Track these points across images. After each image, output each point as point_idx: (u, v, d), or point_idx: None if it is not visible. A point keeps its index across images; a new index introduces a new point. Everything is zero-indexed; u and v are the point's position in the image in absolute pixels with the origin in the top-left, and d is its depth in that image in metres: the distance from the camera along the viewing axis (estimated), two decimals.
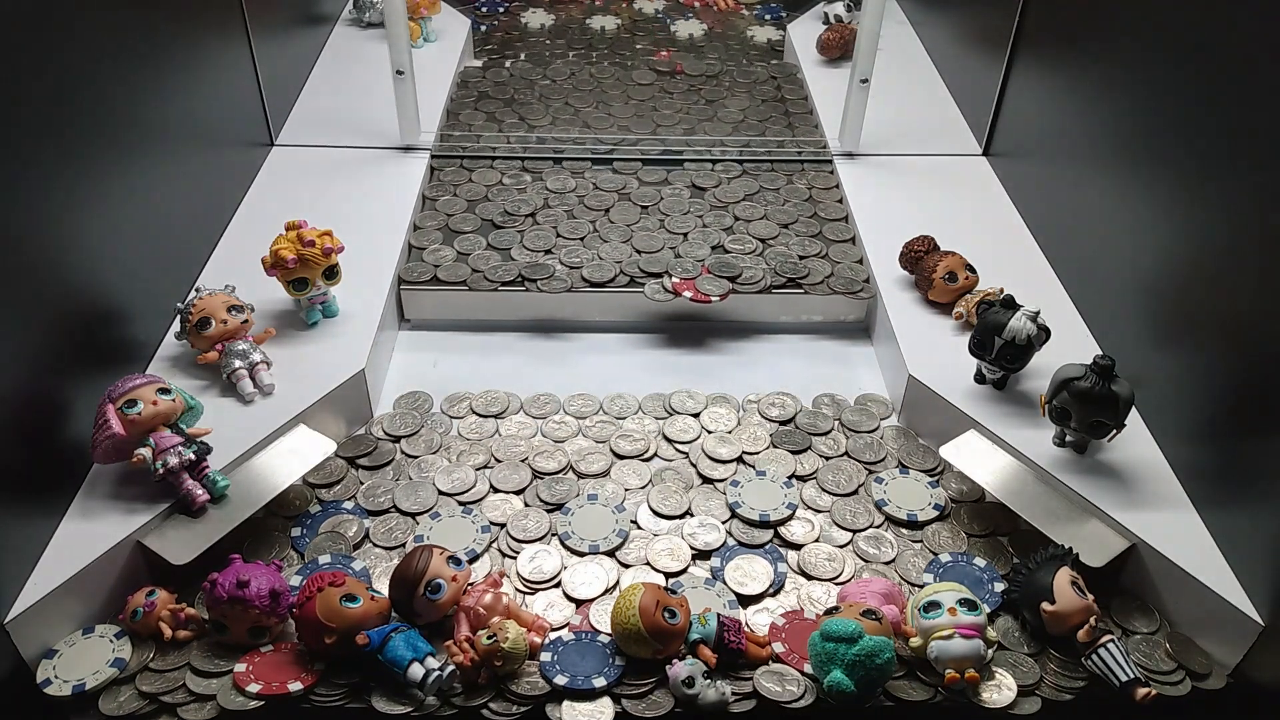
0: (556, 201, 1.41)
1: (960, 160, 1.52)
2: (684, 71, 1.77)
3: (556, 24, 1.96)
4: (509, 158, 1.51)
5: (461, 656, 0.84)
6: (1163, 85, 1.06)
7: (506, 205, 1.40)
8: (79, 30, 0.99)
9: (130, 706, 0.83)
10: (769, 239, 1.35)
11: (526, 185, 1.44)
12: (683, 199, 1.42)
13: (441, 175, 1.47)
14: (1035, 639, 0.90)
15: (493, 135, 1.55)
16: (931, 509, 1.03)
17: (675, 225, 1.37)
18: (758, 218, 1.39)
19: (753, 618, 0.93)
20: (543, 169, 1.48)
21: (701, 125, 1.60)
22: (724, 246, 1.33)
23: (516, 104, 1.65)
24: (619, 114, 1.63)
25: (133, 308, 1.07)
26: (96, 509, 0.93)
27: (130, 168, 1.08)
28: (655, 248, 1.32)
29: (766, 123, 1.62)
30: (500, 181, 1.46)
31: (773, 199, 1.43)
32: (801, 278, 1.28)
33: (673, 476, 1.07)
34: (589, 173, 1.47)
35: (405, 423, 1.12)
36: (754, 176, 1.48)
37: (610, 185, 1.45)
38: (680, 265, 1.28)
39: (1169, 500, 0.97)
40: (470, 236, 1.34)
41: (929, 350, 1.15)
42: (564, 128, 1.58)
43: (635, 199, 1.42)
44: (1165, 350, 1.03)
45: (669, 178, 1.47)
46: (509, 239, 1.34)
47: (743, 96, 1.70)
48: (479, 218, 1.38)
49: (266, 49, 1.47)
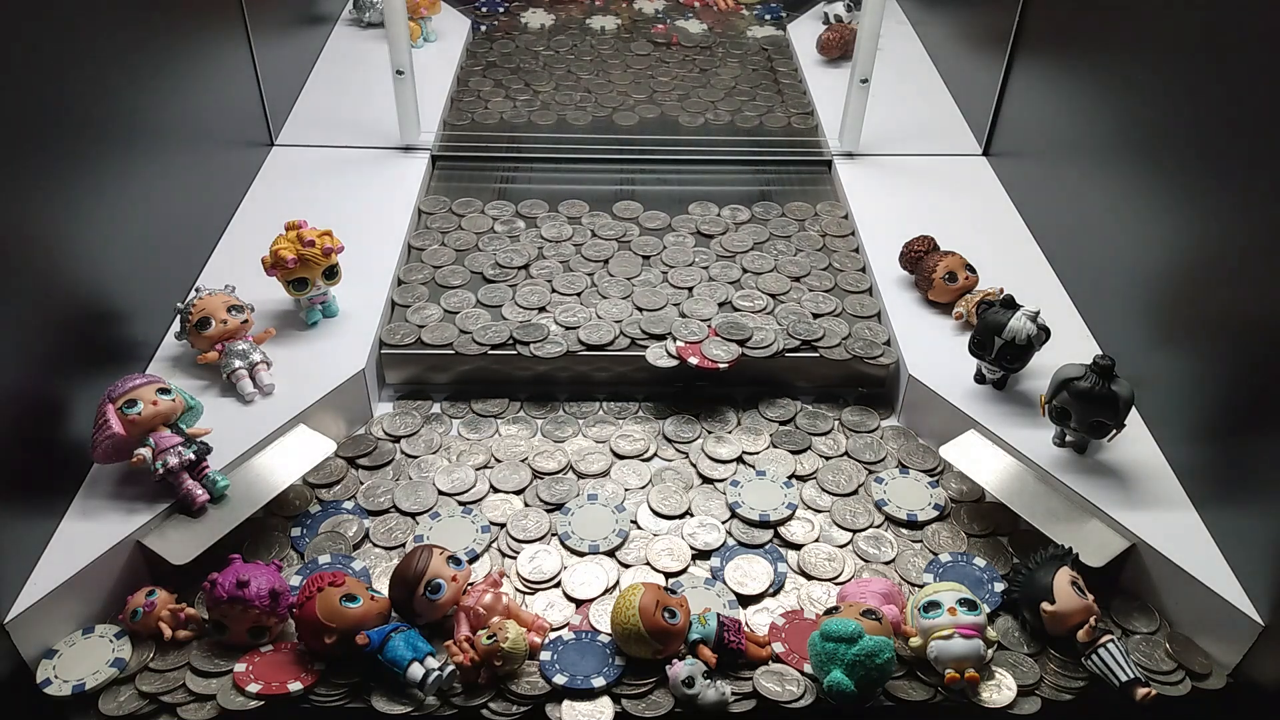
0: (552, 251, 1.31)
1: (960, 160, 1.52)
2: (679, 43, 1.86)
3: (556, 24, 1.96)
4: (509, 158, 1.51)
5: (461, 656, 0.84)
6: (1163, 85, 1.06)
7: (498, 256, 1.29)
8: (79, 30, 0.99)
9: (130, 706, 0.83)
10: (780, 294, 1.25)
11: (520, 233, 1.35)
12: (687, 248, 1.33)
13: (429, 222, 1.37)
14: (1035, 639, 0.90)
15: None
16: (931, 509, 1.03)
17: (679, 278, 1.27)
18: (768, 270, 1.29)
19: (753, 618, 0.93)
20: (537, 215, 1.38)
21: (695, 91, 1.69)
22: (732, 304, 1.23)
23: (522, 72, 1.75)
24: (618, 81, 1.72)
25: (133, 308, 1.07)
26: (96, 509, 0.93)
27: (130, 168, 1.09)
28: (658, 305, 1.22)
29: (757, 89, 1.71)
30: (492, 229, 1.36)
31: (784, 249, 1.33)
32: (816, 340, 1.17)
33: (673, 476, 1.07)
34: (586, 218, 1.38)
35: (405, 423, 1.12)
36: (762, 223, 1.38)
37: (609, 233, 1.35)
38: (685, 326, 1.18)
39: (1169, 500, 0.97)
40: (458, 292, 1.24)
41: (929, 350, 1.15)
42: (566, 93, 1.68)
43: (636, 248, 1.33)
44: (1165, 350, 1.03)
45: (672, 224, 1.38)
46: (500, 295, 1.23)
47: (734, 65, 1.79)
48: (468, 270, 1.28)
49: (266, 49, 1.47)
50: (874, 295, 1.26)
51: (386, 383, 1.18)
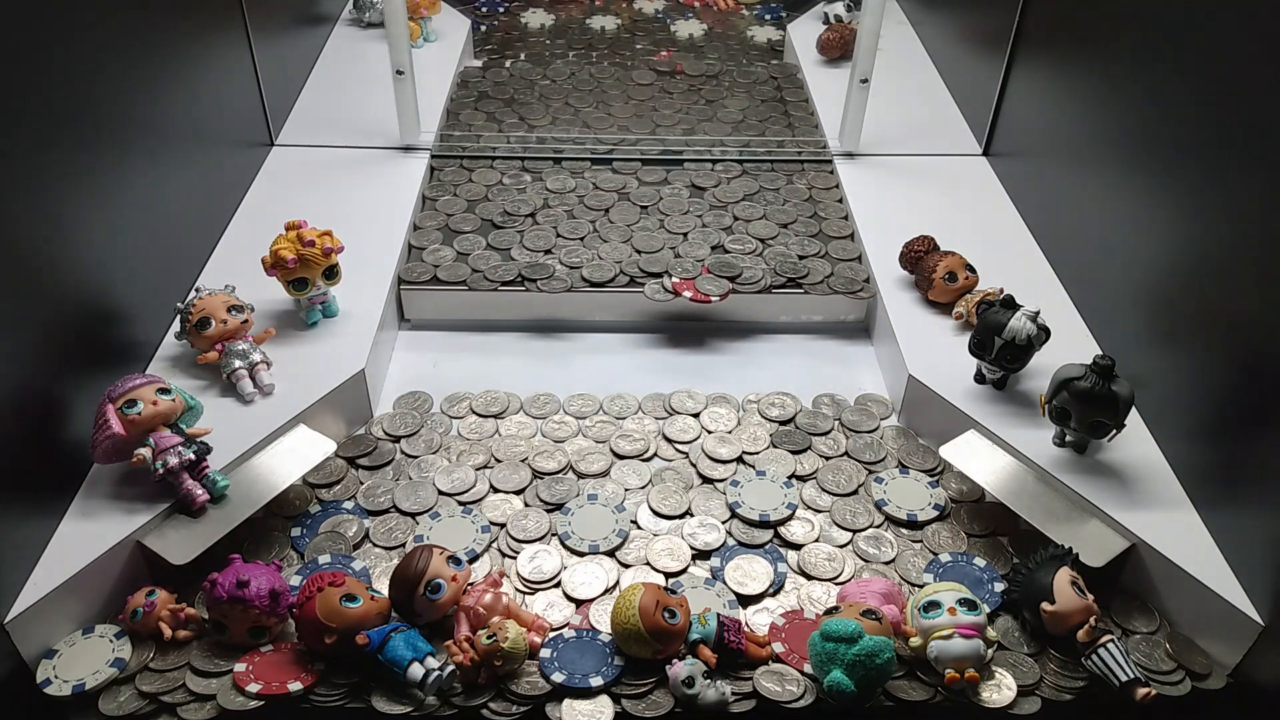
0: (556, 201, 1.41)
1: (960, 160, 1.52)
2: (684, 71, 1.77)
3: (556, 24, 1.96)
4: (509, 158, 1.51)
5: (461, 656, 0.84)
6: (1163, 85, 1.06)
7: (506, 205, 1.40)
8: (79, 30, 0.99)
9: (130, 706, 0.83)
10: (769, 239, 1.35)
11: (526, 185, 1.44)
12: (682, 199, 1.42)
13: (441, 175, 1.47)
14: (1035, 639, 0.90)
15: (493, 135, 1.55)
16: (931, 509, 1.03)
17: (675, 225, 1.37)
18: (757, 218, 1.39)
19: (753, 618, 0.93)
20: (542, 169, 1.48)
21: (701, 125, 1.60)
22: (724, 246, 1.33)
23: (517, 104, 1.66)
24: (619, 114, 1.63)
25: (133, 308, 1.07)
26: (96, 509, 0.93)
27: (130, 168, 1.08)
28: (655, 248, 1.32)
29: (766, 123, 1.62)
30: (500, 182, 1.45)
31: (772, 199, 1.43)
32: (801, 277, 1.28)
33: (673, 476, 1.07)
34: (588, 173, 1.47)
35: (405, 423, 1.12)
36: (754, 176, 1.48)
37: (610, 185, 1.45)
38: (680, 265, 1.28)
39: (1169, 500, 0.97)
40: (470, 236, 1.34)
41: (929, 350, 1.15)
42: (564, 128, 1.58)
43: (635, 199, 1.42)
44: (1165, 350, 1.03)
45: (668, 177, 1.47)
46: (509, 239, 1.33)
47: (742, 96, 1.70)
48: (479, 218, 1.38)
49: (266, 49, 1.47)
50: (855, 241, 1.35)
51: (405, 318, 1.28)
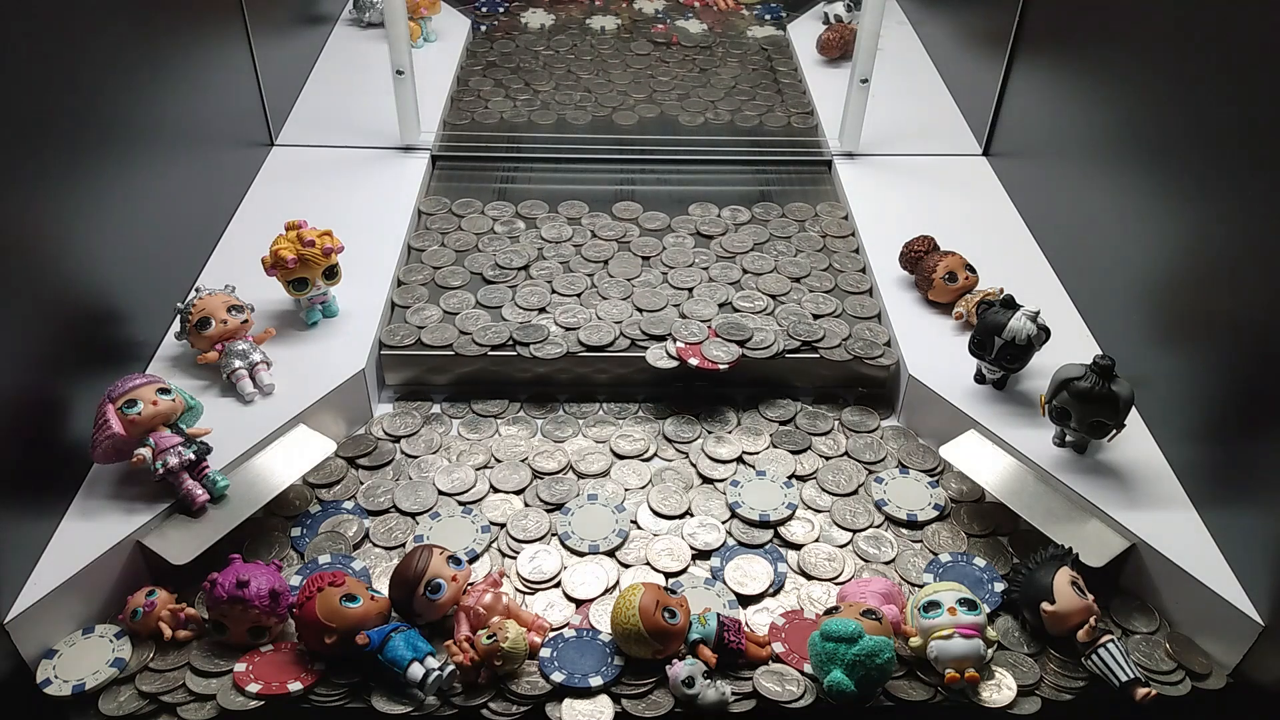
0: (551, 252, 1.30)
1: (960, 160, 1.52)
2: (679, 42, 1.88)
3: (556, 24, 1.96)
4: (509, 158, 1.51)
5: (461, 656, 0.84)
6: (1163, 85, 1.06)
7: (498, 257, 1.29)
8: (79, 31, 0.99)
9: (130, 706, 0.83)
10: (780, 295, 1.24)
11: (520, 234, 1.34)
12: (686, 249, 1.32)
13: (429, 223, 1.37)
14: (1035, 639, 0.90)
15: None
16: (931, 509, 1.03)
17: (679, 279, 1.26)
18: (768, 270, 1.28)
19: (753, 618, 0.93)
20: (537, 216, 1.38)
21: (695, 91, 1.69)
22: (732, 304, 1.22)
23: (522, 71, 1.76)
24: (618, 81, 1.72)
25: (133, 308, 1.07)
26: (96, 509, 0.93)
27: (130, 168, 1.08)
28: (658, 305, 1.21)
29: (757, 89, 1.71)
30: (491, 230, 1.35)
31: (784, 249, 1.33)
32: (817, 341, 1.17)
33: (673, 476, 1.07)
34: (585, 219, 1.37)
35: (405, 423, 1.12)
36: (763, 224, 1.38)
37: (609, 234, 1.34)
38: (685, 327, 1.17)
39: (1169, 500, 0.97)
40: (458, 293, 1.23)
41: (929, 350, 1.15)
42: (566, 92, 1.68)
43: (636, 249, 1.32)
44: (1165, 350, 1.03)
45: (672, 224, 1.37)
46: (500, 295, 1.23)
47: (734, 65, 1.80)
48: (468, 271, 1.27)
49: (266, 49, 1.47)
50: (874, 296, 1.26)
51: (386, 384, 1.18)
